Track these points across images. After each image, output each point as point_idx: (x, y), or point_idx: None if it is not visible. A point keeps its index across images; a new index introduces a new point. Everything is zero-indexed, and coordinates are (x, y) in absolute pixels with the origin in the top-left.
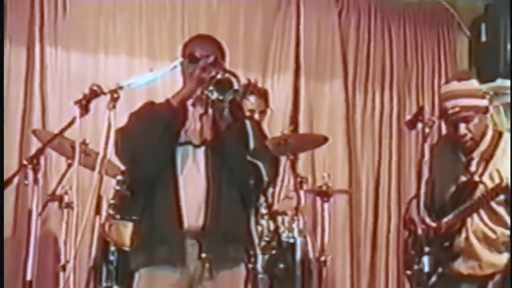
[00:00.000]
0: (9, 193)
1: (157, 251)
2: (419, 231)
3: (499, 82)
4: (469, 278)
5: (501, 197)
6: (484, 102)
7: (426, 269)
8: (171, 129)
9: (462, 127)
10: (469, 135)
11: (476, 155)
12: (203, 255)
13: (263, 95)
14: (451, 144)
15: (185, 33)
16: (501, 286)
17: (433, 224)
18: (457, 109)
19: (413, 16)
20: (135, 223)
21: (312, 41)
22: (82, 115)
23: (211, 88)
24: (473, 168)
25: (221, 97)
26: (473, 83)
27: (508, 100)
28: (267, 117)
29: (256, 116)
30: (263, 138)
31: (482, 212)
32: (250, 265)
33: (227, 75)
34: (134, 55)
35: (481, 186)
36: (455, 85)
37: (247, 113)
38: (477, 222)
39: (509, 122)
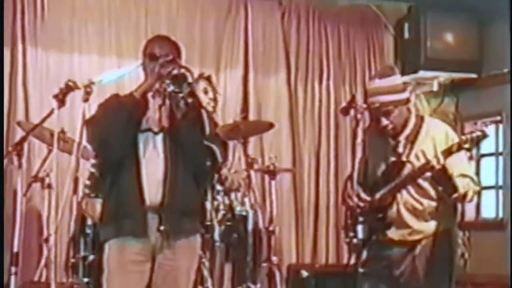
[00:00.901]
0: None
1: (123, 224)
2: (355, 205)
3: (421, 73)
4: (400, 244)
5: (426, 174)
6: (404, 95)
7: (360, 236)
8: (133, 118)
9: (384, 120)
10: (390, 126)
11: (402, 138)
12: (162, 227)
13: (214, 88)
14: (377, 131)
15: (148, 33)
16: (427, 249)
17: (368, 198)
18: (377, 104)
19: (346, 18)
20: (104, 200)
21: (259, 40)
22: (59, 107)
23: (167, 81)
24: (400, 149)
25: (177, 90)
26: (395, 79)
27: (428, 89)
28: (221, 106)
29: (209, 105)
30: (215, 124)
31: (410, 187)
32: (207, 235)
33: (182, 70)
34: (104, 54)
35: (408, 165)
36: (377, 83)
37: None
38: (406, 196)
39: (430, 108)
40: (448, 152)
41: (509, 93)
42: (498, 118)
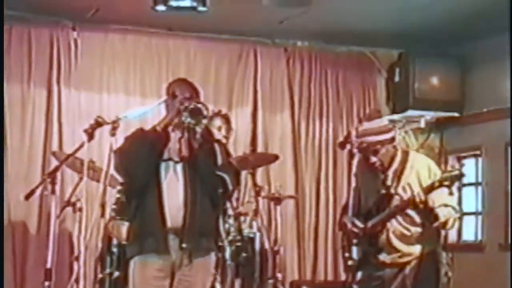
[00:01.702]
0: (34, 201)
1: (146, 243)
2: (350, 232)
3: (409, 112)
4: (391, 266)
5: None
6: (390, 135)
7: (355, 257)
8: (156, 149)
9: (372, 157)
10: (378, 162)
11: (390, 172)
12: (184, 245)
13: (226, 120)
14: (368, 167)
15: (168, 76)
16: (415, 269)
17: (361, 226)
18: (365, 145)
19: (343, 63)
20: (130, 222)
21: (266, 82)
22: (89, 140)
23: (185, 114)
24: (389, 182)
25: (193, 122)
26: (382, 121)
27: (416, 126)
28: (233, 140)
29: (223, 138)
30: (227, 156)
31: (398, 216)
32: (219, 254)
33: (198, 105)
34: (129, 94)
35: (396, 197)
36: (365, 125)
37: (216, 137)
38: (395, 224)
39: (417, 143)
40: (429, 189)
41: (488, 130)
42: (478, 152)
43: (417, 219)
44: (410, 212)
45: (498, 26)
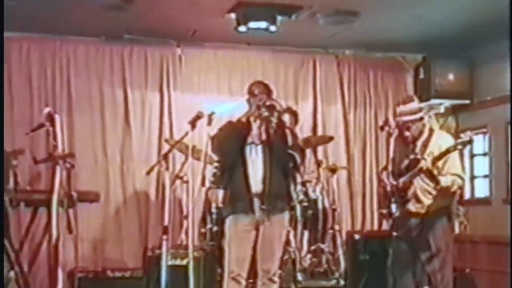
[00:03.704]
0: (153, 176)
1: (237, 206)
2: (388, 188)
3: (432, 101)
4: (415, 215)
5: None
6: (419, 115)
7: (393, 210)
8: (241, 135)
9: (406, 132)
10: (410, 136)
11: (418, 144)
12: (264, 206)
13: (294, 113)
14: (402, 139)
15: (249, 79)
16: (432, 218)
17: (395, 182)
18: (401, 122)
19: (381, 65)
20: (224, 190)
21: (323, 82)
22: (192, 129)
23: (263, 109)
24: (417, 150)
25: (269, 114)
26: (413, 105)
27: (437, 111)
28: (299, 126)
29: (291, 125)
30: (296, 138)
31: (422, 176)
32: (291, 212)
33: (272, 102)
34: (220, 94)
35: (422, 162)
36: (401, 108)
37: (287, 125)
38: (420, 182)
39: (438, 124)
40: (445, 153)
41: (492, 113)
42: (485, 130)
43: (438, 177)
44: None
45: (496, 34)
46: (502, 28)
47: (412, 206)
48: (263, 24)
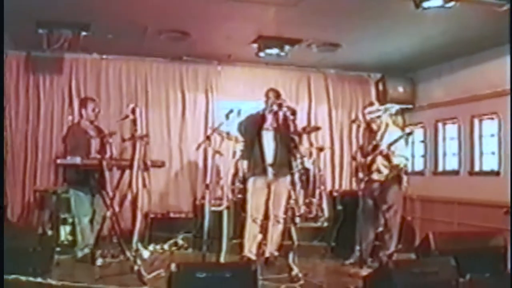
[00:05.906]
0: (200, 151)
1: (256, 171)
2: (359, 163)
3: (387, 105)
4: (377, 181)
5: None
6: (378, 114)
7: (361, 176)
8: (260, 123)
9: (373, 125)
10: (375, 127)
11: (379, 134)
12: (273, 172)
13: (294, 111)
14: (368, 131)
15: (266, 87)
16: (388, 183)
17: (363, 160)
18: (367, 119)
19: (353, 80)
20: (247, 161)
21: (315, 90)
22: (227, 119)
23: (274, 107)
24: (377, 139)
25: (278, 110)
26: (374, 107)
27: (390, 112)
28: (298, 119)
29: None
30: (296, 127)
31: (381, 156)
32: (292, 177)
33: (281, 102)
34: (246, 97)
35: (381, 146)
36: (367, 109)
37: (290, 118)
38: (380, 159)
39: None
40: (395, 142)
41: (426, 114)
42: (422, 125)
43: (392, 157)
44: (388, 152)
45: (430, 61)
46: (434, 57)
47: (375, 176)
48: (275, 51)
